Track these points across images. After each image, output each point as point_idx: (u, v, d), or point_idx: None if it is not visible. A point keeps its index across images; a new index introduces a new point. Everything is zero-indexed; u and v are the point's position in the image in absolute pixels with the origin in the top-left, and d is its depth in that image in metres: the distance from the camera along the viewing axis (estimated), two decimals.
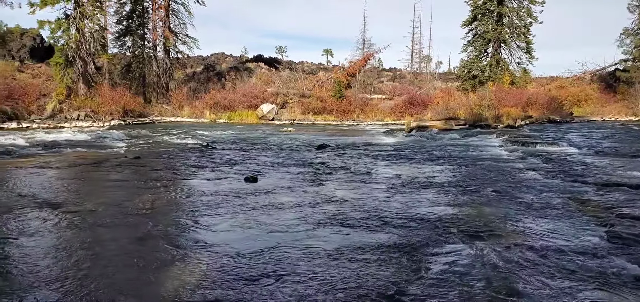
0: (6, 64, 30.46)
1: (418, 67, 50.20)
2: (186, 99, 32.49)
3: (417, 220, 6.73)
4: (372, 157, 13.60)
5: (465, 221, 6.75)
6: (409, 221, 6.70)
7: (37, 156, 13.18)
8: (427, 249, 5.53)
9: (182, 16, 34.53)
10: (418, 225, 6.48)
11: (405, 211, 7.28)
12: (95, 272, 4.71)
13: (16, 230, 6.07)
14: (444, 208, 7.52)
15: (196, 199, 8.09)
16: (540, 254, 5.33)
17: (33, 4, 25.89)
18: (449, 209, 7.51)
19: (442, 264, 5.06)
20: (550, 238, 5.93)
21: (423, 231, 6.22)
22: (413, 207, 7.55)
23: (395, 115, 32.28)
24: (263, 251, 5.38)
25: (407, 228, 6.34)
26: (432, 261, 5.13)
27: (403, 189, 8.97)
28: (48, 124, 24.06)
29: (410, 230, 6.25)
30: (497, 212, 7.30)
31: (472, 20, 36.74)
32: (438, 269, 4.92)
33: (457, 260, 5.16)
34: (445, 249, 5.52)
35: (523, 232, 6.19)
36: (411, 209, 7.37)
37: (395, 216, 6.93)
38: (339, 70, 39.20)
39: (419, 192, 8.76)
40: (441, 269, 4.92)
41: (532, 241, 5.81)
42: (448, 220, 6.77)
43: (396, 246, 5.60)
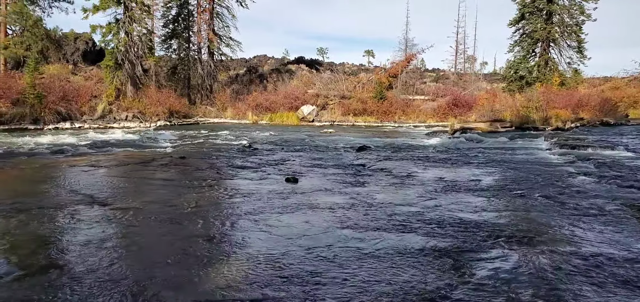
0: (61, 67, 32.08)
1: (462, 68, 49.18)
2: (229, 101, 33.16)
3: (461, 224, 6.56)
4: (414, 159, 13.40)
5: (511, 226, 6.52)
6: (452, 224, 6.53)
7: (88, 154, 13.77)
8: (471, 253, 5.37)
9: (225, 19, 35.34)
10: (461, 229, 6.31)
11: (448, 214, 7.11)
12: (141, 268, 4.85)
13: (69, 225, 6.35)
14: (489, 212, 7.30)
15: (238, 199, 8.20)
16: (591, 263, 5.08)
17: (86, 9, 27.18)
18: (494, 213, 7.27)
19: (487, 269, 4.90)
20: (602, 246, 5.63)
21: (467, 235, 6.06)
22: (456, 210, 7.36)
23: (438, 116, 31.72)
24: (304, 251, 5.38)
25: (450, 232, 6.19)
26: (476, 266, 4.98)
27: (446, 192, 8.78)
28: (98, 125, 25.11)
29: (453, 234, 6.10)
30: (545, 217, 7.01)
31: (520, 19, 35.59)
32: (483, 274, 4.76)
33: (502, 266, 4.99)
34: (490, 255, 5.34)
35: (573, 240, 5.92)
36: (454, 213, 7.19)
37: (437, 220, 6.78)
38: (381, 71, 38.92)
39: (462, 195, 8.54)
40: (486, 274, 4.76)
41: (582, 249, 5.54)
42: (493, 225, 6.56)
43: (439, 250, 5.47)
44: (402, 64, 37.38)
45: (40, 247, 5.44)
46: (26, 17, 27.05)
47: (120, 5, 27.94)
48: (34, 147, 15.00)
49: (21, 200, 7.76)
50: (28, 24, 27.07)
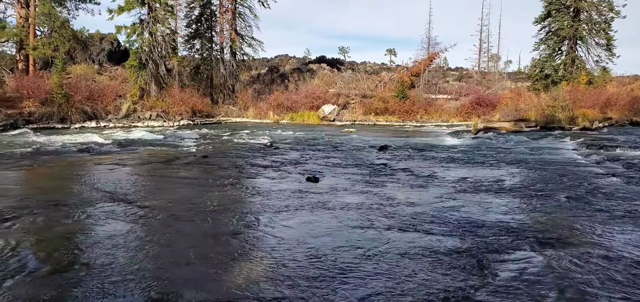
0: (87, 67, 32.79)
1: (486, 67, 48.46)
2: (251, 100, 33.37)
3: (484, 225, 6.46)
4: (437, 159, 13.26)
5: (536, 228, 6.40)
6: (475, 225, 6.44)
7: (113, 153, 14.04)
8: (494, 255, 5.28)
9: (247, 19, 35.54)
10: (485, 230, 6.22)
11: (471, 215, 7.01)
12: (165, 265, 4.92)
13: (95, 223, 6.48)
14: (513, 213, 7.17)
15: (260, 198, 8.25)
16: (618, 265, 4.94)
17: (111, 10, 27.70)
18: (519, 214, 7.14)
19: (510, 270, 4.81)
20: (630, 249, 5.48)
21: (490, 236, 5.96)
22: (479, 211, 7.25)
23: (461, 116, 31.32)
24: (325, 250, 5.38)
25: (473, 233, 6.10)
26: (500, 267, 4.89)
27: (469, 193, 8.66)
28: (123, 124, 25.59)
29: (476, 235, 6.01)
30: (571, 219, 6.85)
31: (546, 17, 34.83)
32: (506, 275, 4.68)
33: (526, 267, 4.89)
34: (514, 256, 5.25)
35: (600, 242, 5.76)
36: (477, 214, 7.09)
37: (460, 220, 6.70)
38: (403, 70, 38.64)
39: (486, 196, 8.41)
40: (510, 275, 4.68)
41: (609, 251, 5.40)
42: (517, 226, 6.44)
43: (462, 251, 5.39)
44: (425, 63, 37.02)
45: (68, 244, 5.57)
46: (54, 19, 27.72)
47: (145, 6, 28.40)
48: (61, 145, 15.37)
49: (49, 197, 7.96)
50: (56, 25, 27.73)
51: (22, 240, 5.59)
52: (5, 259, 4.94)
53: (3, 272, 4.60)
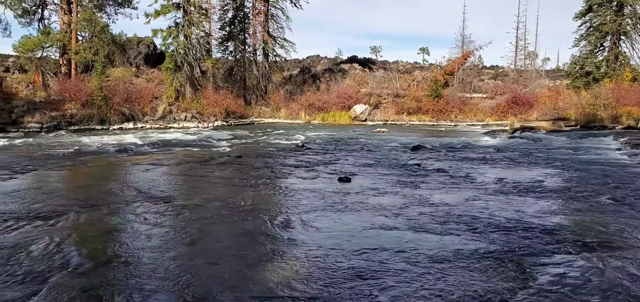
0: (125, 70, 33.77)
1: (522, 65, 47.17)
2: (283, 101, 33.62)
3: (522, 227, 6.28)
4: (472, 160, 13.00)
5: (577, 230, 6.18)
6: (513, 227, 6.27)
7: (150, 153, 14.40)
8: (533, 258, 5.12)
9: (280, 20, 35.83)
10: (523, 232, 6.04)
11: (509, 217, 6.83)
12: (200, 264, 5.00)
13: (133, 221, 6.66)
14: (553, 215, 6.94)
15: (293, 198, 8.28)
16: None
17: (148, 14, 28.43)
18: (558, 216, 6.91)
19: (551, 274, 4.66)
20: None
21: (529, 239, 5.79)
22: (517, 213, 7.06)
23: (497, 115, 30.60)
24: (357, 252, 5.35)
25: (511, 235, 5.94)
26: (539, 271, 4.74)
27: (506, 194, 8.44)
28: (159, 125, 26.22)
29: (514, 237, 5.85)
30: (615, 222, 6.57)
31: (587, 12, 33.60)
32: (547, 279, 4.53)
33: (568, 272, 4.73)
34: (554, 260, 5.08)
35: None
36: (515, 216, 6.90)
37: (497, 222, 6.53)
38: (436, 69, 38.10)
39: (524, 197, 8.18)
40: (550, 280, 4.53)
41: None
42: (557, 228, 6.23)
43: (499, 253, 5.26)
44: (459, 62, 36.37)
45: (107, 241, 5.74)
46: (95, 24, 28.67)
47: (180, 10, 29.03)
48: (100, 146, 15.88)
49: (90, 196, 8.23)
50: (96, 30, 28.67)
51: (66, 238, 5.80)
52: (50, 255, 5.13)
53: (49, 268, 4.78)
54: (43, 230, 6.07)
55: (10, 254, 5.16)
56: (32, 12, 29.73)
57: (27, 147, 15.46)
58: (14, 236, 5.83)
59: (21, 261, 4.96)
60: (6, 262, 4.92)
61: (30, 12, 29.61)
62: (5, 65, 35.78)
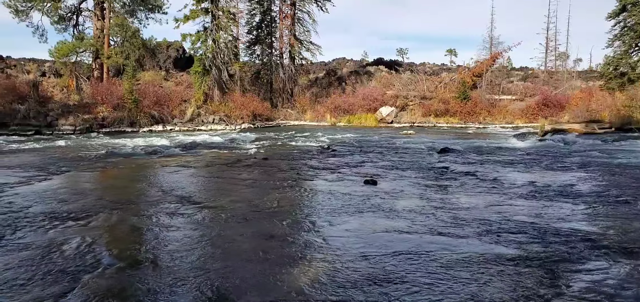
0: (155, 74, 34.48)
1: (553, 66, 45.97)
2: (309, 103, 33.72)
3: (554, 232, 6.11)
4: (501, 163, 12.74)
5: (612, 236, 5.96)
6: (544, 232, 6.10)
7: (179, 155, 14.63)
8: (566, 264, 4.97)
9: (306, 24, 35.97)
10: (555, 237, 5.88)
11: (540, 221, 6.65)
12: (226, 265, 5.04)
13: (161, 222, 6.77)
14: (587, 220, 6.73)
15: (318, 200, 8.28)
16: None
17: (177, 19, 28.97)
18: (592, 221, 6.70)
19: (585, 281, 4.51)
20: None
21: (561, 244, 5.62)
22: (549, 217, 6.87)
23: (527, 117, 29.94)
24: (384, 255, 5.29)
25: (542, 240, 5.78)
26: (573, 278, 4.60)
27: (537, 198, 8.23)
28: (188, 127, 26.62)
29: (546, 242, 5.69)
30: None
31: (621, 11, 32.51)
32: (581, 286, 4.39)
33: (603, 279, 4.57)
34: (588, 266, 4.92)
35: None
36: (547, 220, 6.72)
37: (528, 227, 6.37)
38: (464, 70, 37.52)
39: (555, 201, 7.96)
40: (584, 286, 4.39)
41: None
42: (592, 234, 6.03)
43: (531, 259, 5.12)
44: (487, 63, 35.73)
45: (137, 241, 5.85)
46: (126, 29, 29.36)
47: (208, 15, 29.46)
48: (131, 148, 16.23)
49: (120, 197, 8.42)
50: (127, 35, 29.35)
51: (97, 237, 5.94)
52: (83, 255, 5.26)
53: (81, 266, 4.91)
54: (75, 230, 6.23)
55: (45, 252, 5.32)
56: (67, 18, 30.67)
57: (61, 149, 15.93)
58: (49, 235, 6.00)
59: (55, 260, 5.10)
60: (41, 260, 5.07)
61: (65, 18, 30.55)
62: (41, 69, 37.06)
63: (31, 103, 23.14)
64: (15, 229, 6.19)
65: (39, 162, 12.53)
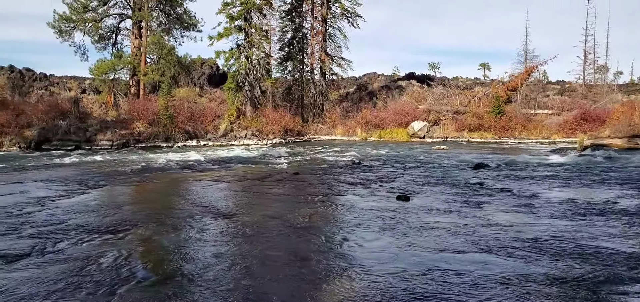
0: (189, 90, 35.33)
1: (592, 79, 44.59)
2: (339, 118, 33.76)
3: (597, 252, 5.85)
4: (538, 179, 12.36)
5: None
6: (586, 252, 5.85)
7: (212, 170, 14.85)
8: (611, 285, 4.74)
9: (337, 40, 36.21)
10: (598, 258, 5.62)
11: (581, 240, 6.39)
12: (258, 281, 5.04)
13: (195, 236, 6.85)
14: (630, 240, 6.42)
15: (350, 216, 8.21)
16: None
17: (212, 37, 29.67)
18: (637, 242, 6.38)
19: None
20: None
21: (605, 265, 5.37)
22: (591, 237, 6.59)
23: (565, 132, 29.05)
24: (417, 273, 5.18)
25: (584, 260, 5.54)
26: (619, 300, 4.37)
27: (577, 216, 7.93)
28: (221, 142, 27.07)
29: (588, 263, 5.45)
30: None
31: None
32: None
33: None
34: (635, 288, 4.67)
35: None
36: (588, 239, 6.44)
37: (567, 246, 6.13)
38: (498, 84, 36.85)
39: (597, 220, 7.64)
40: None
41: None
42: (636, 255, 5.74)
43: (571, 280, 4.91)
44: (522, 77, 34.97)
45: (170, 255, 5.93)
46: (162, 47, 30.27)
47: (241, 32, 30.05)
48: (166, 162, 16.59)
49: (155, 211, 8.58)
50: (163, 53, 30.24)
51: (133, 251, 6.05)
52: (118, 268, 5.37)
53: (117, 279, 5.00)
54: (112, 243, 6.38)
55: (82, 265, 5.45)
56: (107, 37, 31.90)
57: (99, 164, 16.44)
58: (86, 247, 6.16)
59: (92, 272, 5.22)
60: (79, 272, 5.20)
61: (105, 37, 31.79)
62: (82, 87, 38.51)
63: (72, 119, 24.05)
64: (56, 241, 6.39)
65: (79, 176, 12.95)
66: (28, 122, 23.06)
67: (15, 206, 8.70)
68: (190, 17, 32.57)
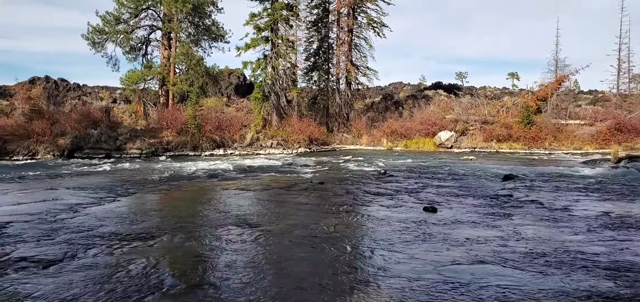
0: (217, 100, 35.86)
1: (626, 88, 43.30)
2: (364, 128, 33.67)
3: (632, 268, 5.62)
4: (570, 191, 12.01)
5: None
6: (621, 268, 5.64)
7: (238, 179, 14.98)
8: None
9: (363, 50, 36.26)
10: (635, 274, 5.40)
11: (617, 255, 6.16)
12: (284, 291, 5.02)
13: (221, 245, 6.89)
14: None
15: (375, 226, 8.13)
16: None
17: (239, 48, 30.06)
18: None
19: None
20: None
21: None
22: (626, 252, 6.35)
23: (598, 143, 28.23)
24: (444, 288, 5.08)
25: (619, 277, 5.33)
26: None
27: (613, 230, 7.65)
28: (247, 151, 27.32)
29: (623, 279, 5.25)
30: None
31: None
32: None
33: None
34: None
35: None
36: (623, 255, 6.21)
37: (602, 261, 5.91)
38: (527, 94, 36.15)
39: (633, 235, 7.36)
40: None
41: None
42: None
43: (606, 297, 4.73)
44: (553, 86, 34.22)
45: (198, 264, 5.97)
46: (191, 58, 30.87)
47: (268, 43, 30.39)
48: (193, 171, 16.82)
49: (183, 219, 8.68)
50: (192, 63, 30.83)
51: (161, 258, 6.13)
52: (147, 275, 5.44)
53: (146, 287, 5.06)
54: (141, 250, 6.48)
55: (112, 271, 5.55)
56: (137, 48, 32.73)
57: (129, 172, 16.79)
58: (116, 254, 6.27)
59: (121, 279, 5.30)
60: (109, 279, 5.29)
61: (136, 48, 32.61)
62: (113, 96, 39.54)
63: (103, 128, 24.66)
64: (87, 248, 6.53)
65: (109, 184, 13.25)
66: (62, 130, 23.76)
67: (49, 213, 8.95)
68: (218, 28, 33.13)
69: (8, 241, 6.87)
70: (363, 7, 35.81)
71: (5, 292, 4.92)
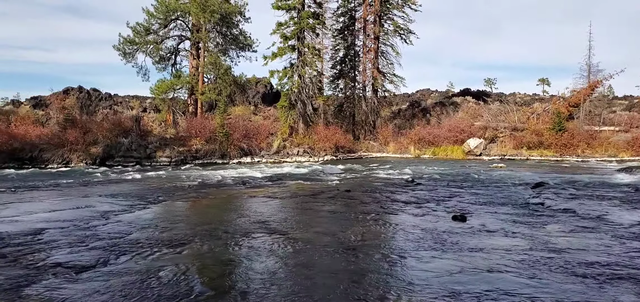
0: (244, 109, 36.28)
1: None
2: (391, 135, 33.46)
3: None
4: (605, 199, 11.63)
5: None
6: None
7: (265, 186, 15.07)
8: None
9: (389, 57, 36.12)
10: None
11: None
12: (311, 299, 5.00)
13: (249, 252, 6.93)
14: None
15: (403, 235, 8.05)
16: None
17: (266, 57, 30.40)
18: None
19: None
20: None
21: None
22: None
23: (634, 150, 27.32)
24: (477, 296, 4.97)
25: None
26: None
27: None
28: (274, 159, 27.51)
29: None
30: None
31: None
32: None
33: None
34: None
35: None
36: None
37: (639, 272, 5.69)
38: (558, 100, 35.29)
39: None
40: None
41: None
42: None
43: None
44: (585, 92, 33.30)
45: (226, 271, 6.02)
46: (219, 67, 31.34)
47: (295, 52, 30.62)
48: (221, 178, 17.02)
49: (212, 227, 8.78)
50: (220, 73, 31.30)
51: (190, 265, 6.21)
52: (177, 282, 5.52)
53: (175, 293, 5.13)
54: (170, 257, 6.57)
55: (143, 278, 5.65)
56: (167, 58, 33.45)
57: (158, 180, 17.11)
58: (147, 261, 6.39)
59: (152, 285, 5.39)
60: (140, 285, 5.39)
61: (165, 58, 33.34)
62: (143, 106, 40.45)
63: (133, 136, 25.26)
64: (118, 255, 6.67)
65: (139, 192, 13.53)
66: (94, 139, 24.44)
67: (82, 220, 9.19)
68: (245, 37, 33.57)
69: (44, 247, 7.09)
70: (389, 14, 35.70)
71: (42, 297, 5.07)
